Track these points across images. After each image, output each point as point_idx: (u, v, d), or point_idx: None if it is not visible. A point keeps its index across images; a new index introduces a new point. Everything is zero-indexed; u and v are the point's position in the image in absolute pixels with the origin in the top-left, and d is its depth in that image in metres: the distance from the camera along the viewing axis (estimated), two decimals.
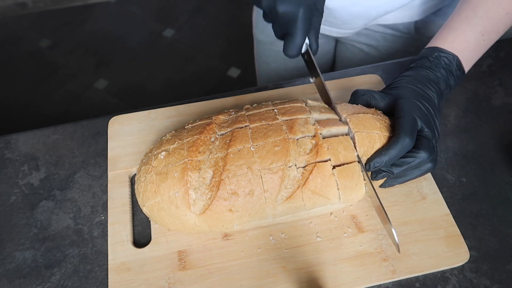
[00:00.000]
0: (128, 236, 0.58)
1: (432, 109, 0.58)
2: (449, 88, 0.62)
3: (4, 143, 0.70)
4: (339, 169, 0.53)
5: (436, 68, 0.62)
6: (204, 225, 0.54)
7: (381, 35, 0.87)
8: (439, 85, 0.61)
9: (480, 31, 0.62)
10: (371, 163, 0.54)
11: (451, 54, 0.62)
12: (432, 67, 0.62)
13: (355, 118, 0.56)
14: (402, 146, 0.53)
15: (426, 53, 0.63)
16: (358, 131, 0.55)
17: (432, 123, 0.57)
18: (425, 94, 0.59)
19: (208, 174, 0.53)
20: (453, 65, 0.62)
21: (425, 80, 0.60)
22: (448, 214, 0.59)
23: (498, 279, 0.55)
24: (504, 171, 0.65)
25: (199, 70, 2.08)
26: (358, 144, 0.54)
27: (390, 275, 0.54)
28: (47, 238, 0.60)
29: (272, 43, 0.98)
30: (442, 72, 0.61)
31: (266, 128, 0.55)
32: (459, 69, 0.62)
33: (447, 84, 0.62)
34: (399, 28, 0.85)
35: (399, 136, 0.53)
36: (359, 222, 0.59)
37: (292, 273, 0.55)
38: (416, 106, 0.57)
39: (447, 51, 0.62)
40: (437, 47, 0.63)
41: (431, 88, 0.60)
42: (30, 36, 2.24)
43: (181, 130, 0.59)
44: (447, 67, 0.62)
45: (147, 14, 2.34)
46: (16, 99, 1.99)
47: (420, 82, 0.60)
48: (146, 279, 0.55)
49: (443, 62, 0.62)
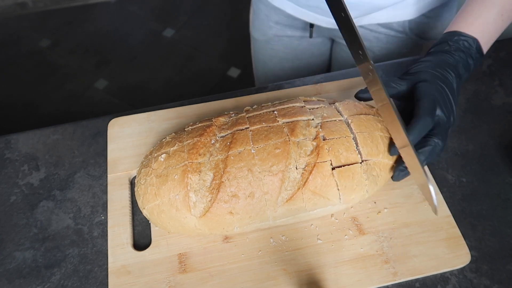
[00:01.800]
0: (128, 239, 0.58)
1: (450, 93, 0.58)
2: (469, 71, 0.62)
3: (4, 143, 0.70)
4: (339, 169, 0.53)
5: (456, 52, 0.61)
6: (205, 228, 0.54)
7: (374, 35, 0.87)
8: (458, 69, 0.61)
9: (499, 11, 0.62)
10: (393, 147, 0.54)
11: (471, 38, 0.62)
12: (451, 51, 0.61)
13: (357, 119, 0.56)
14: (423, 126, 0.53)
15: (445, 38, 0.63)
16: (360, 131, 0.55)
17: (449, 107, 0.57)
18: (444, 78, 0.59)
19: (209, 177, 0.53)
20: (473, 48, 0.62)
21: (444, 64, 0.60)
22: (449, 216, 0.59)
23: (498, 279, 0.55)
24: (504, 171, 0.65)
25: (199, 70, 2.07)
26: (361, 144, 0.54)
27: (391, 277, 0.54)
28: (47, 238, 0.60)
29: (268, 41, 0.98)
30: (462, 55, 0.61)
31: (267, 130, 0.55)
32: (478, 52, 0.62)
33: (467, 67, 0.62)
34: (393, 27, 0.85)
35: (420, 116, 0.54)
36: (360, 224, 0.58)
37: (293, 276, 0.55)
38: (435, 89, 0.57)
39: (467, 35, 0.62)
40: (457, 31, 0.63)
41: (450, 72, 0.60)
42: (30, 36, 2.24)
43: (181, 132, 0.59)
44: (467, 50, 0.62)
45: (147, 14, 2.34)
46: (16, 99, 1.99)
47: (440, 66, 0.60)
48: (146, 282, 0.54)
49: (462, 45, 0.62)
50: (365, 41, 0.89)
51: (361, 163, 0.54)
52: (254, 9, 0.97)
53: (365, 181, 0.54)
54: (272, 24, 0.94)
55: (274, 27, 0.94)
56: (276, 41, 0.97)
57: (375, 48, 0.89)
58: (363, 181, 0.54)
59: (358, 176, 0.54)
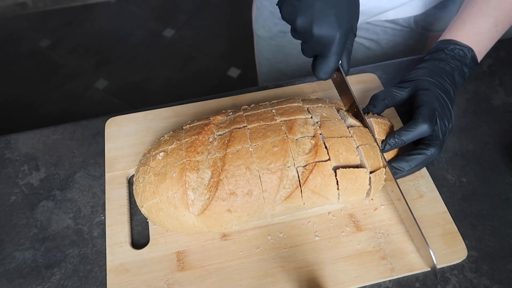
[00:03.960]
0: (126, 237, 0.58)
1: (449, 101, 0.59)
2: (464, 78, 0.64)
3: (4, 143, 0.70)
4: (343, 171, 0.53)
5: (452, 60, 0.63)
6: (203, 226, 0.54)
7: (381, 28, 0.88)
8: (454, 77, 0.62)
9: (493, 22, 0.63)
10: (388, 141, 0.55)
11: (466, 47, 0.63)
12: (447, 59, 0.63)
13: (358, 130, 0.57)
14: (419, 131, 0.55)
15: (441, 46, 0.64)
16: (362, 143, 0.55)
17: (448, 115, 0.59)
18: (442, 86, 0.60)
19: (207, 175, 0.53)
20: (468, 57, 0.63)
21: (441, 72, 0.61)
22: (445, 212, 0.59)
23: (498, 279, 0.55)
24: (504, 171, 0.65)
25: (199, 70, 2.08)
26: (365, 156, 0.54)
27: (389, 273, 0.54)
28: (47, 238, 0.60)
29: (273, 38, 0.97)
30: (457, 64, 0.62)
31: (265, 128, 0.55)
32: (473, 61, 0.64)
33: (462, 75, 0.63)
34: (399, 22, 0.86)
35: (418, 121, 0.55)
36: (357, 221, 0.59)
37: (291, 273, 0.55)
38: (435, 97, 0.58)
39: (462, 44, 0.63)
40: (452, 39, 0.64)
41: (447, 80, 0.61)
42: (30, 36, 2.24)
43: (179, 131, 0.59)
44: (462, 59, 0.63)
45: (147, 14, 2.34)
46: (16, 99, 2.00)
47: (437, 74, 0.61)
48: (144, 280, 0.55)
49: (458, 54, 0.63)
50: (372, 34, 0.89)
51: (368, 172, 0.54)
52: (258, 6, 0.97)
53: (367, 185, 0.55)
54: (277, 20, 0.94)
55: (279, 23, 0.94)
56: (281, 37, 0.96)
57: (382, 41, 0.90)
58: (365, 185, 0.54)
59: (361, 181, 0.54)
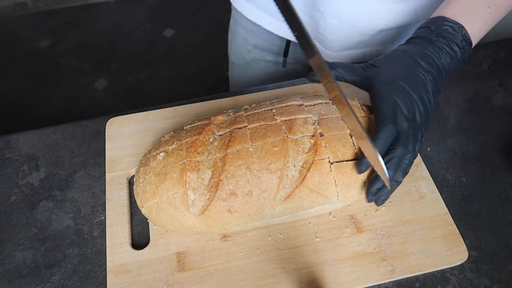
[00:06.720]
0: (127, 238, 0.58)
1: (420, 89, 0.53)
2: (455, 60, 0.57)
3: (4, 143, 0.70)
4: (337, 165, 0.53)
5: (437, 38, 0.56)
6: (203, 226, 0.54)
7: None
8: (439, 59, 0.55)
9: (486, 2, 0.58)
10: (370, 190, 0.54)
11: (456, 23, 0.56)
12: (432, 38, 0.56)
13: None
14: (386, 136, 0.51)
15: (428, 23, 0.58)
16: None
17: (414, 106, 0.52)
18: (412, 75, 0.54)
19: (207, 175, 0.53)
20: (458, 35, 0.56)
21: (417, 56, 0.55)
22: (446, 213, 0.59)
23: (498, 279, 0.55)
24: (504, 171, 0.65)
25: (199, 70, 2.08)
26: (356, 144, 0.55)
27: (389, 275, 0.54)
28: (47, 238, 0.60)
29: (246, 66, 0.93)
30: (444, 42, 0.56)
31: (265, 128, 0.55)
32: (465, 40, 0.56)
33: (452, 55, 0.56)
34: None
35: (382, 124, 0.51)
36: (358, 222, 0.59)
37: (291, 274, 0.55)
38: (394, 90, 0.53)
39: (452, 20, 0.57)
40: (440, 16, 0.58)
41: (424, 64, 0.55)
42: (30, 36, 2.24)
43: (180, 131, 0.59)
44: (451, 36, 0.56)
45: (147, 14, 2.34)
46: (16, 99, 1.99)
47: (411, 58, 0.55)
48: (145, 281, 0.54)
49: (445, 31, 0.56)
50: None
51: None
52: (232, 31, 0.93)
53: (363, 176, 0.55)
54: (250, 47, 0.90)
55: (253, 51, 0.90)
56: (254, 65, 0.93)
57: None
58: (360, 177, 0.55)
59: (355, 173, 0.54)
